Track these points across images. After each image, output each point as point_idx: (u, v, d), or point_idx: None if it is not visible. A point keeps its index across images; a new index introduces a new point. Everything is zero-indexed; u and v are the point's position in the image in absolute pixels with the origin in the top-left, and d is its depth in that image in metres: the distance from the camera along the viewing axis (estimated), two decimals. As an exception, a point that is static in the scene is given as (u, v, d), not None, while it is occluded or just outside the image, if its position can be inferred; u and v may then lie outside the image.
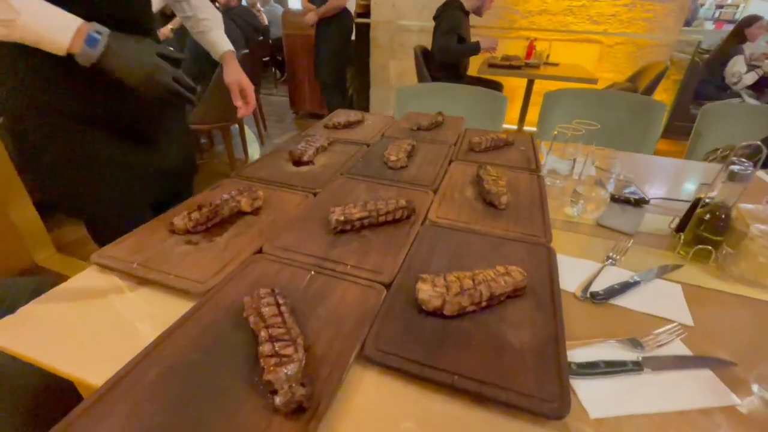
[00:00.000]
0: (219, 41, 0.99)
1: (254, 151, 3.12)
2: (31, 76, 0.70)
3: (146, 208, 0.89)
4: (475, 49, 2.38)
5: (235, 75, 0.98)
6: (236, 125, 2.71)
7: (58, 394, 0.63)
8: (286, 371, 0.39)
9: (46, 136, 0.75)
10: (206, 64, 2.14)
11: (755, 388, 0.45)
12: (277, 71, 5.45)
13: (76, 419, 0.37)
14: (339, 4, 2.74)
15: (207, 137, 3.21)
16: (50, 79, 0.71)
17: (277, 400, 0.38)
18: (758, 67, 3.15)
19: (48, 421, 0.59)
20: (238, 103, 0.98)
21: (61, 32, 0.61)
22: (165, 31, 2.56)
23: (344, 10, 2.84)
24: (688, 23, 4.40)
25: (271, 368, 0.39)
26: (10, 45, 0.62)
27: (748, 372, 0.47)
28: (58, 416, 0.37)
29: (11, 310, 0.77)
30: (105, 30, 0.64)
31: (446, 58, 2.43)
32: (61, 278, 0.83)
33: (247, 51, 2.37)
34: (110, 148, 0.80)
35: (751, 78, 3.10)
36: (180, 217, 0.66)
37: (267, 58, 5.08)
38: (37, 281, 0.87)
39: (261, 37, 3.32)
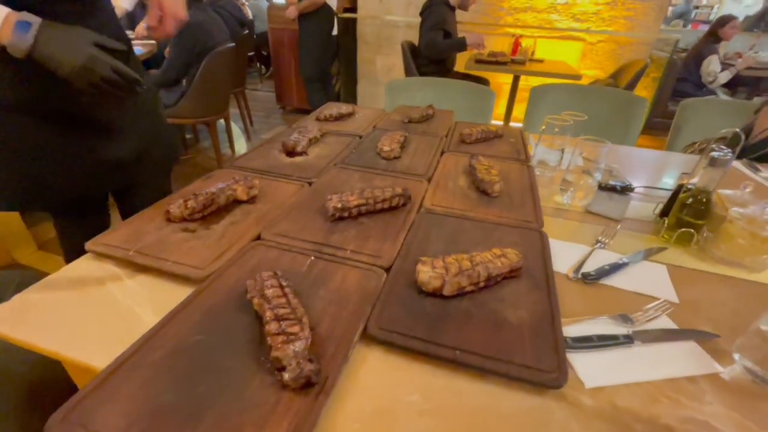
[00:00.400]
0: None
1: (240, 147, 3.08)
2: None
3: (105, 198, 0.90)
4: (462, 44, 2.40)
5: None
6: (222, 121, 2.67)
7: (51, 384, 0.62)
8: (293, 348, 0.40)
9: None
10: (191, 58, 2.10)
11: (736, 357, 0.48)
12: (262, 66, 5.38)
13: (85, 397, 0.37)
14: None
15: (192, 132, 3.15)
16: None
17: (286, 375, 0.38)
18: (732, 65, 3.27)
19: (43, 410, 0.58)
20: (153, 22, 0.74)
21: None
22: (140, 29, 2.50)
23: (324, 6, 2.84)
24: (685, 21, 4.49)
25: (279, 345, 0.40)
26: None
27: (729, 343, 0.50)
28: (54, 405, 0.37)
29: (-2, 302, 0.75)
30: (36, 19, 0.60)
31: (432, 54, 2.45)
32: (43, 275, 0.81)
33: (233, 45, 2.34)
34: (59, 139, 0.75)
35: (725, 77, 3.22)
36: (176, 205, 0.66)
37: (252, 53, 5.01)
38: (21, 274, 0.85)
39: (246, 31, 3.26)
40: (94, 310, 0.50)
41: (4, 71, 0.67)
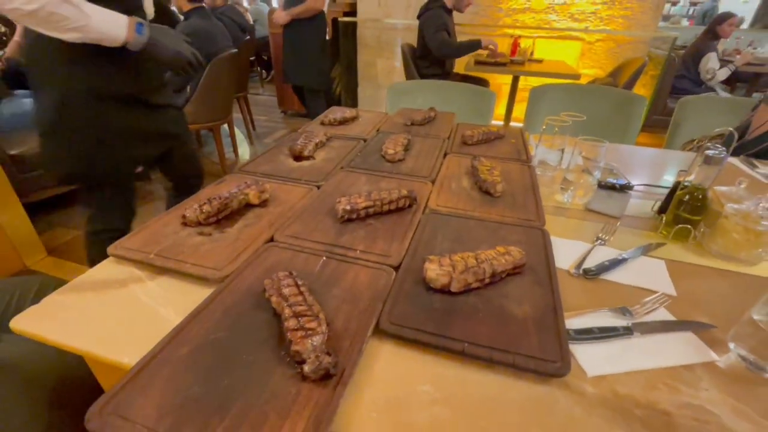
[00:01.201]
0: None
1: (244, 152, 3.12)
2: (78, 65, 0.92)
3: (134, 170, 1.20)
4: (477, 44, 2.44)
5: None
6: (225, 126, 2.70)
7: (77, 385, 0.65)
8: (312, 342, 0.42)
9: (81, 107, 0.96)
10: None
11: (731, 345, 0.50)
12: (263, 71, 5.42)
13: (119, 391, 0.40)
14: (317, 6, 2.56)
15: (195, 138, 3.18)
16: (86, 65, 0.92)
17: (306, 368, 0.41)
18: (730, 62, 3.29)
19: (69, 408, 0.61)
20: None
21: (119, 28, 0.84)
22: None
23: (321, 12, 2.66)
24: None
25: (298, 340, 0.42)
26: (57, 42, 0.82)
27: (725, 333, 0.52)
28: (79, 404, 0.39)
29: (20, 306, 0.79)
30: (145, 21, 0.89)
31: (449, 54, 2.47)
32: (58, 280, 0.85)
33: (235, 51, 2.37)
34: (120, 115, 1.02)
35: (724, 74, 3.24)
36: (191, 209, 0.69)
37: (253, 58, 5.05)
38: (40, 280, 0.88)
39: (248, 37, 3.30)
40: (119, 311, 0.53)
41: (103, 68, 0.94)
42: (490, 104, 1.66)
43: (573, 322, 0.53)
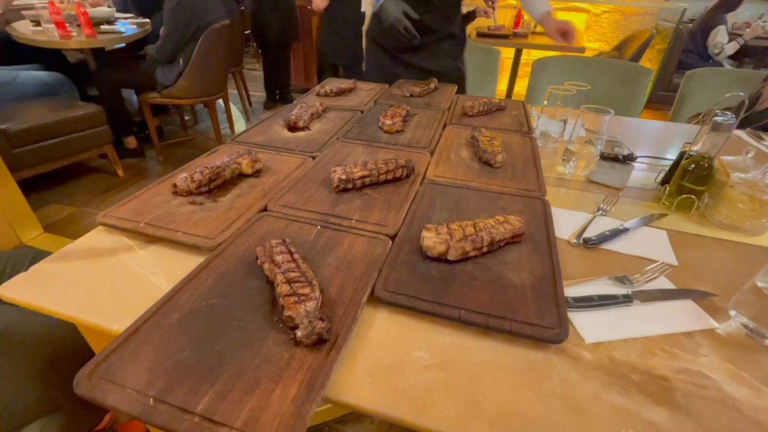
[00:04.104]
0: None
1: (240, 128, 3.06)
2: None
3: None
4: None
5: (556, 24, 1.21)
6: (221, 102, 2.64)
7: (69, 350, 0.65)
8: (305, 307, 0.41)
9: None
10: (186, 32, 2.06)
11: (732, 313, 0.50)
12: (255, 44, 5.26)
13: (108, 355, 0.39)
14: None
15: (191, 114, 3.12)
16: None
17: (299, 333, 0.40)
18: (740, 36, 3.19)
19: (65, 376, 0.61)
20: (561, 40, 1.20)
21: None
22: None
23: None
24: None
25: (291, 305, 0.41)
26: None
27: (726, 302, 0.51)
28: (73, 369, 0.38)
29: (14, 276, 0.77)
30: None
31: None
32: (51, 254, 0.85)
33: (228, 22, 2.28)
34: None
35: (732, 48, 3.14)
36: (182, 178, 0.67)
37: (248, 31, 4.89)
38: (33, 252, 0.87)
39: (242, 8, 3.18)
40: (109, 278, 0.52)
41: (377, 27, 1.36)
42: (496, 62, 1.70)
43: (572, 291, 0.52)
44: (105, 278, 0.52)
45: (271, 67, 3.30)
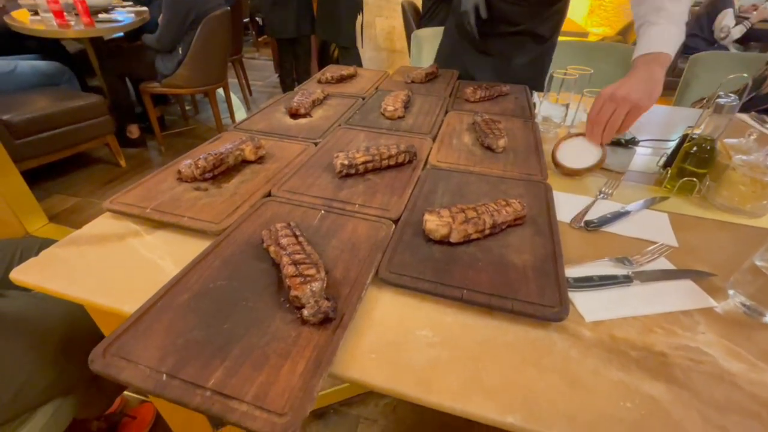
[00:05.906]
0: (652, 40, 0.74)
1: (241, 117, 3.05)
2: None
3: None
4: None
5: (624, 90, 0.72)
6: (221, 91, 2.63)
7: (82, 335, 0.66)
8: (311, 287, 0.42)
9: None
10: (185, 20, 2.04)
11: (731, 292, 0.50)
12: (254, 32, 5.21)
13: (121, 334, 0.40)
14: None
15: (191, 104, 3.11)
16: None
17: (305, 312, 0.41)
18: (747, 19, 3.14)
19: (77, 359, 0.63)
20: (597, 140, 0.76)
21: None
22: None
23: None
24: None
25: (297, 286, 0.42)
26: None
27: (725, 282, 0.52)
28: (86, 353, 0.39)
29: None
30: None
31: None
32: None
33: (228, 8, 2.26)
34: None
35: (738, 31, 3.09)
36: (186, 165, 0.67)
37: (247, 20, 4.84)
38: (41, 240, 0.88)
39: (240, -5, 3.14)
40: (118, 262, 0.53)
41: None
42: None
43: (573, 271, 0.53)
44: (114, 262, 0.53)
45: (288, 61, 3.16)
